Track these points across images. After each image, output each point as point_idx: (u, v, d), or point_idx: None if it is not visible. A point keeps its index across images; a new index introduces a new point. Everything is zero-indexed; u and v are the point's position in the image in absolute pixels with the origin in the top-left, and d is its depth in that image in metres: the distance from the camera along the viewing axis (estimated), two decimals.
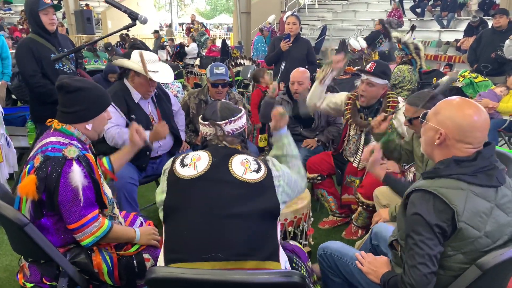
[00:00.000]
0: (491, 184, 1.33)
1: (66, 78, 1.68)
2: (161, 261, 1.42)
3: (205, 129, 1.58)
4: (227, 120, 1.56)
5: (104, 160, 2.03)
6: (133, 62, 2.60)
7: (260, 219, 1.38)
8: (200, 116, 1.62)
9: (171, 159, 1.52)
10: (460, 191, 1.30)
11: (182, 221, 1.38)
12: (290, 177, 1.53)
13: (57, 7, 3.02)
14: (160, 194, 1.45)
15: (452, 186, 1.31)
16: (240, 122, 1.60)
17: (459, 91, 5.45)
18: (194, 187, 1.40)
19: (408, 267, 1.32)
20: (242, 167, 1.43)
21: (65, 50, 3.09)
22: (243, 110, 1.65)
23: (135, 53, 2.63)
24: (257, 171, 1.44)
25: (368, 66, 2.68)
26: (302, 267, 1.67)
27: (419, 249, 1.29)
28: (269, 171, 1.46)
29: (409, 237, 1.34)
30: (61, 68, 3.07)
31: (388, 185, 2.27)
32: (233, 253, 1.32)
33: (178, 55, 11.25)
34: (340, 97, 2.97)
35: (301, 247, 1.82)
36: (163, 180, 1.47)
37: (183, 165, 1.45)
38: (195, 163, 1.44)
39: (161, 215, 1.44)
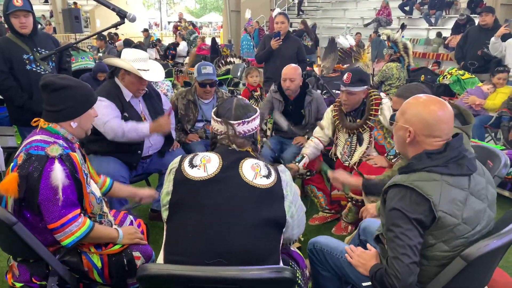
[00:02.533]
0: (462, 173, 1.38)
1: (50, 76, 1.66)
2: (160, 261, 1.40)
3: (216, 126, 1.54)
4: (240, 121, 1.51)
5: (108, 181, 2.08)
6: (123, 60, 2.56)
7: (266, 228, 1.36)
8: (213, 110, 1.59)
9: (179, 158, 1.48)
10: (434, 182, 1.35)
11: (186, 223, 1.36)
12: (296, 194, 1.49)
13: (28, 11, 2.95)
14: (166, 195, 1.41)
15: (426, 178, 1.36)
16: (254, 123, 1.55)
17: (446, 88, 5.53)
18: (203, 190, 1.37)
19: (391, 259, 1.36)
20: (253, 171, 1.41)
21: (44, 50, 3.06)
22: (258, 111, 1.60)
23: (126, 52, 2.61)
24: (268, 176, 1.41)
25: (344, 77, 2.73)
26: (298, 272, 1.64)
27: (399, 240, 1.33)
28: (279, 177, 1.43)
29: (389, 231, 1.38)
30: (34, 69, 3.03)
31: (368, 192, 2.24)
32: (237, 261, 1.29)
33: (172, 56, 11.17)
34: (326, 116, 3.03)
35: (300, 252, 1.79)
36: (169, 179, 1.43)
37: (192, 165, 1.42)
38: (205, 165, 1.41)
39: (164, 214, 1.41)
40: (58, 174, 1.54)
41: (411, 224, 1.32)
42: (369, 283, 1.55)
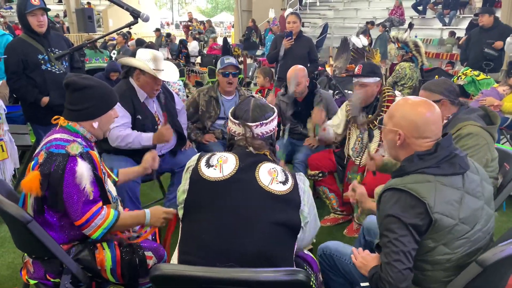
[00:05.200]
0: (455, 172, 1.37)
1: (73, 76, 1.68)
2: (174, 260, 1.40)
3: (234, 127, 1.52)
4: (258, 123, 1.49)
5: (113, 172, 2.10)
6: (139, 60, 2.57)
7: (280, 232, 1.34)
8: (230, 111, 1.57)
9: (197, 156, 1.47)
10: (428, 183, 1.34)
11: (200, 223, 1.35)
12: (313, 205, 1.47)
13: (46, 9, 3.00)
14: (182, 194, 1.41)
15: (419, 180, 1.35)
16: (271, 125, 1.53)
17: (460, 89, 5.45)
18: (217, 190, 1.35)
19: (384, 265, 1.35)
20: (269, 176, 1.38)
21: (57, 50, 3.09)
22: (276, 111, 1.58)
23: (141, 51, 2.62)
24: (284, 182, 1.38)
25: (356, 69, 2.75)
26: (312, 275, 1.61)
27: (393, 246, 1.33)
28: (296, 184, 1.40)
29: (384, 236, 1.37)
30: (49, 69, 3.06)
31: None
32: (249, 264, 1.27)
33: (184, 57, 11.16)
34: (340, 113, 3.03)
35: (313, 256, 1.76)
36: (186, 177, 1.43)
37: (208, 165, 1.40)
38: (222, 166, 1.39)
39: (180, 212, 1.42)
40: (84, 171, 1.57)
41: (406, 229, 1.31)
42: (367, 283, 1.54)
